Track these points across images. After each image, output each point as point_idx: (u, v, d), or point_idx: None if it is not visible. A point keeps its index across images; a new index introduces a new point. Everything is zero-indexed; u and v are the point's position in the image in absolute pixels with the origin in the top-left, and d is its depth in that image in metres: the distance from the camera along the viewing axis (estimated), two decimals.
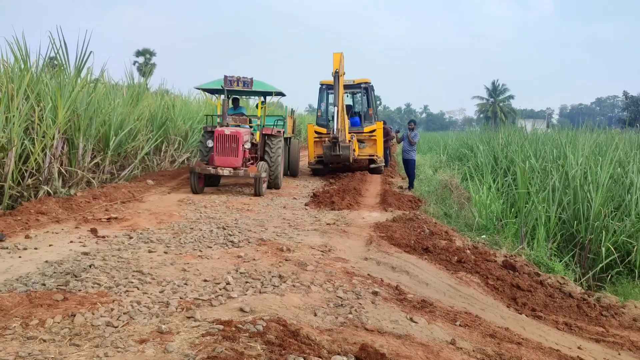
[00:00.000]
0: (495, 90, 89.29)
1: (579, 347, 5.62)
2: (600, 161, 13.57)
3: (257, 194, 12.62)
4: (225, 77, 13.79)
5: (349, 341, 4.19)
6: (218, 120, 14.18)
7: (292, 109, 19.88)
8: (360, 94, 20.56)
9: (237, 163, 12.37)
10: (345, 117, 16.84)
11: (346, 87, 18.23)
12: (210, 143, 12.82)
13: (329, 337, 4.25)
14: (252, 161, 13.73)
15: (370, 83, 19.56)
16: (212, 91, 15.90)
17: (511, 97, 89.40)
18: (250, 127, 14.47)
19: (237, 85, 13.84)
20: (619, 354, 5.69)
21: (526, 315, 6.61)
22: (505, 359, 4.73)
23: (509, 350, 4.93)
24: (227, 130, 12.35)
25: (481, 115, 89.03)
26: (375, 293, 5.60)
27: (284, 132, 15.29)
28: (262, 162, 13.26)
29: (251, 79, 13.90)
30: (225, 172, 12.17)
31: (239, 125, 13.77)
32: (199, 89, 15.73)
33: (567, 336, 6.04)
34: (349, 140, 16.38)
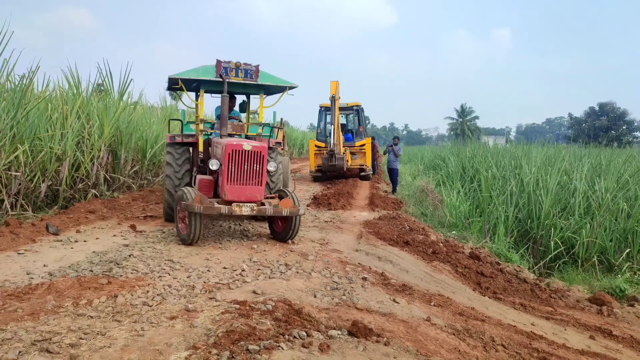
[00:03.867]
0: (463, 112, 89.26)
1: (532, 324, 5.60)
2: (550, 170, 13.56)
3: (290, 237, 7.05)
4: (219, 62, 7.61)
5: (343, 318, 4.18)
6: (196, 126, 8.26)
7: (282, 118, 10.93)
8: (352, 114, 20.64)
9: (260, 195, 6.77)
10: (340, 133, 16.93)
11: (341, 109, 18.31)
12: (215, 165, 6.80)
13: (326, 314, 4.24)
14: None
15: (360, 105, 19.69)
16: (190, 84, 8.43)
17: (476, 117, 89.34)
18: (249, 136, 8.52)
19: (236, 75, 7.79)
20: (565, 329, 5.67)
21: (489, 297, 6.60)
22: (472, 332, 4.71)
23: (475, 325, 4.91)
24: (247, 145, 6.60)
25: (452, 133, 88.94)
26: (364, 278, 5.59)
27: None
28: (282, 190, 7.56)
29: (257, 66, 7.88)
30: (246, 210, 6.48)
31: (239, 136, 8.25)
32: (174, 78, 7.84)
33: (522, 314, 6.02)
34: (343, 153, 16.54)
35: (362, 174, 18.62)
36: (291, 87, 8.41)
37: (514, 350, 4.50)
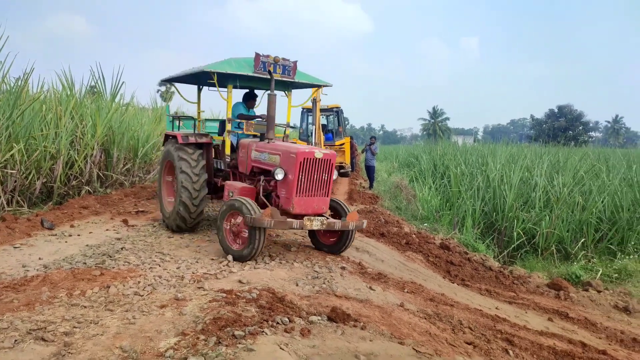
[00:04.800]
0: (435, 113, 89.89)
1: (496, 308, 5.69)
2: (513, 167, 13.77)
3: (343, 250, 6.14)
4: (257, 55, 6.36)
5: (323, 305, 4.18)
6: (228, 127, 6.74)
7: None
8: (332, 115, 20.63)
9: (326, 207, 5.86)
10: (321, 133, 16.90)
11: (322, 110, 18.30)
12: (280, 174, 5.52)
13: (307, 301, 4.24)
14: None
15: (340, 107, 19.72)
16: (220, 79, 6.43)
17: (447, 118, 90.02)
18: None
19: (274, 71, 6.45)
20: (526, 312, 5.77)
21: (457, 284, 6.68)
22: (442, 317, 4.77)
23: (444, 310, 4.96)
24: (318, 152, 5.58)
25: (424, 133, 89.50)
26: (343, 268, 5.60)
27: None
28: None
29: (295, 62, 6.64)
30: (316, 224, 5.45)
31: (263, 138, 6.43)
32: (209, 71, 6.16)
33: (487, 299, 6.11)
34: None
35: (342, 171, 18.65)
36: (325, 86, 7.32)
37: (479, 332, 4.57)
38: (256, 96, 7.59)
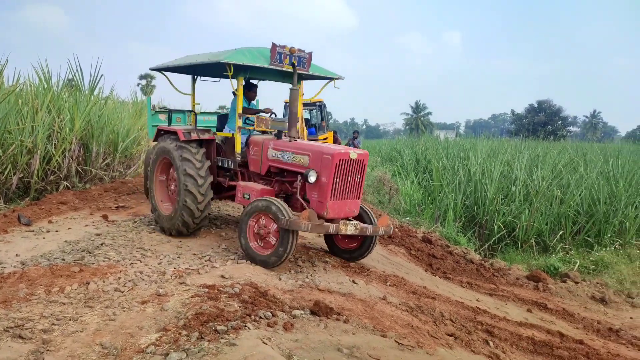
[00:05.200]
0: (417, 108, 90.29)
1: (477, 300, 5.78)
2: (494, 161, 13.95)
3: (364, 257, 5.93)
4: (274, 45, 5.90)
5: (306, 299, 4.20)
6: (241, 121, 6.12)
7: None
8: (315, 110, 20.59)
9: (357, 209, 5.53)
10: (304, 128, 16.85)
11: (305, 105, 18.24)
12: (313, 176, 5.10)
13: (290, 296, 4.25)
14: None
15: (323, 102, 19.66)
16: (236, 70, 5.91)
17: (429, 113, 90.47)
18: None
19: (289, 62, 6.01)
20: (506, 304, 5.88)
21: (439, 277, 6.76)
22: (424, 309, 4.82)
23: (426, 303, 5.02)
24: (353, 153, 5.23)
25: (407, 127, 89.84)
26: (326, 262, 5.62)
27: None
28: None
29: (310, 54, 6.17)
30: (350, 229, 5.16)
31: (280, 135, 6.06)
32: (223, 63, 5.61)
33: (469, 291, 6.19)
34: None
35: None
36: (337, 78, 6.78)
37: (460, 324, 4.64)
38: (256, 87, 6.93)
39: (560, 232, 10.38)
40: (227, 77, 6.19)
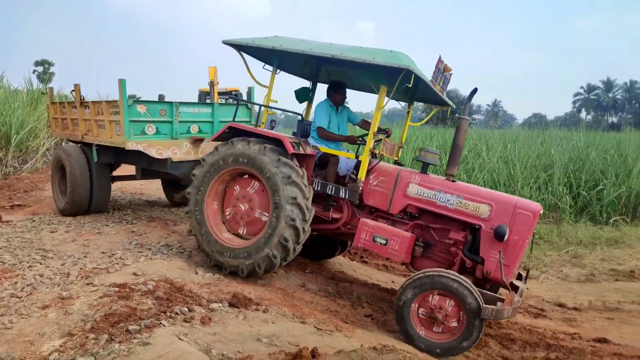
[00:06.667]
0: None
1: (392, 281, 6.05)
2: (405, 148, 14.58)
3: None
4: (440, 60, 4.58)
5: (224, 291, 4.14)
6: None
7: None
8: (231, 99, 20.23)
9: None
10: None
11: (220, 93, 17.82)
12: (506, 233, 4.05)
13: (208, 289, 4.17)
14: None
15: (239, 91, 19.34)
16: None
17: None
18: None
19: (442, 83, 4.80)
20: None
21: (357, 262, 6.97)
22: (342, 294, 4.96)
23: (344, 287, 5.17)
24: (538, 205, 4.24)
25: None
26: None
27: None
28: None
29: (451, 75, 4.87)
30: (516, 300, 3.96)
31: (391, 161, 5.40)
32: (406, 69, 3.99)
33: (384, 274, 6.45)
34: None
35: None
36: (450, 107, 5.48)
37: (377, 305, 4.84)
38: (345, 87, 5.37)
39: None
40: (367, 87, 5.16)
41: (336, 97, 5.23)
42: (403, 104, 5.77)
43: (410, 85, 4.23)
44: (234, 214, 4.77)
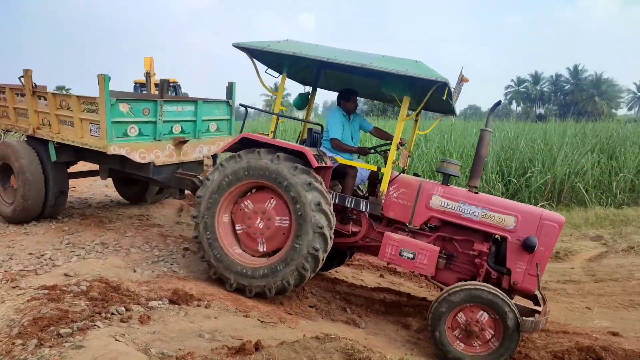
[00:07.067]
0: (277, 88, 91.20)
1: (335, 271, 6.12)
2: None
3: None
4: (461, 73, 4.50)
5: (164, 288, 4.03)
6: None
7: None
8: (170, 91, 19.58)
9: None
10: None
11: (157, 85, 17.22)
12: (535, 245, 4.11)
13: (147, 287, 4.04)
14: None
15: (177, 82, 18.81)
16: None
17: (289, 94, 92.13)
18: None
19: (458, 94, 4.68)
20: (361, 272, 6.34)
21: None
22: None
23: None
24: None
25: (268, 109, 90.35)
26: (186, 249, 5.45)
27: None
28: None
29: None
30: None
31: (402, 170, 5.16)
32: (443, 82, 3.95)
33: None
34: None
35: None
36: (452, 115, 5.40)
37: (321, 296, 4.90)
38: (357, 94, 5.11)
39: None
40: (381, 96, 5.06)
41: (348, 105, 4.99)
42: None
43: (444, 98, 4.14)
44: (250, 231, 4.45)
